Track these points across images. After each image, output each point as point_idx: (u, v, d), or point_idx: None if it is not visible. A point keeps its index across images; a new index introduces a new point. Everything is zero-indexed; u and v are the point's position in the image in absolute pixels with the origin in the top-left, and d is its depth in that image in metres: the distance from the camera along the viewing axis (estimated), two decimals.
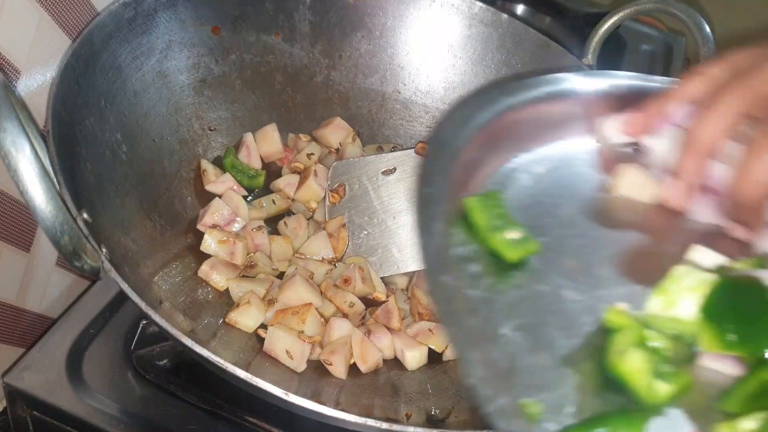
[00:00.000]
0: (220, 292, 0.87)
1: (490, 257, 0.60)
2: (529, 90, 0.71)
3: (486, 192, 0.64)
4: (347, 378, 0.82)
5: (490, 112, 0.67)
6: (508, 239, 0.60)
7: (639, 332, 0.54)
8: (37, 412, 0.85)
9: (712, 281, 0.57)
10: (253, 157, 1.01)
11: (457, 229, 0.61)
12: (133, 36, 0.87)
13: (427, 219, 0.55)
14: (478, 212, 0.61)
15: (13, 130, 0.61)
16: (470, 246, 0.60)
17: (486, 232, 0.60)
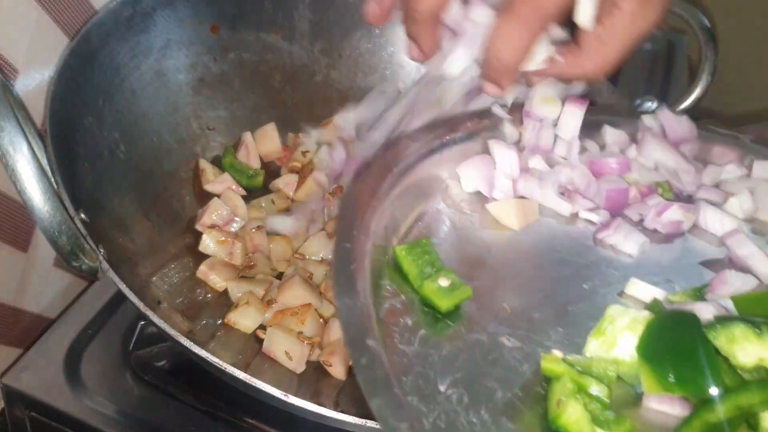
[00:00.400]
0: (218, 292, 0.87)
1: (424, 307, 0.58)
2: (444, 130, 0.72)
3: (415, 240, 0.63)
4: (347, 379, 0.82)
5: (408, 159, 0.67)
6: (439, 287, 0.58)
7: (577, 379, 0.53)
8: (34, 413, 0.84)
9: (647, 319, 0.55)
10: (252, 157, 1.01)
11: (388, 281, 0.59)
12: (132, 35, 0.87)
13: (347, 278, 0.53)
14: (407, 261, 0.60)
15: (10, 129, 0.61)
16: (401, 297, 0.58)
17: (417, 281, 0.59)
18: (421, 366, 0.53)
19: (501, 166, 0.71)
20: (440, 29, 0.68)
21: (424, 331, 0.56)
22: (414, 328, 0.56)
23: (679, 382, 0.51)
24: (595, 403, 0.52)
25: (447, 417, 0.50)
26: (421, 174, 0.69)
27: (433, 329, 0.57)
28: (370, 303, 0.54)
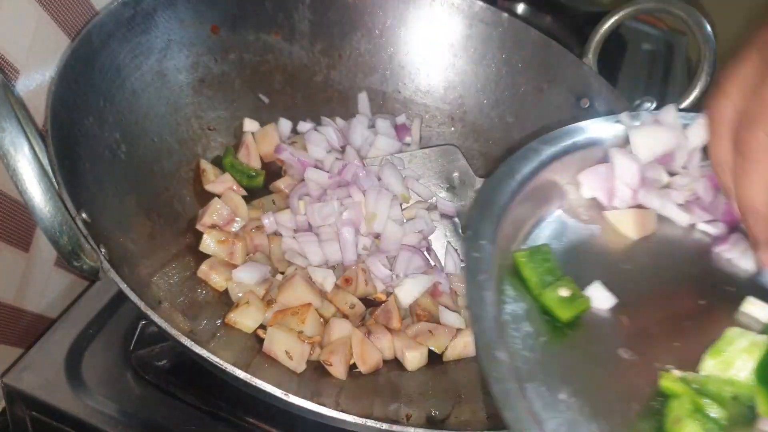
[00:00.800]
0: (219, 292, 0.87)
1: (544, 315, 0.60)
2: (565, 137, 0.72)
3: (535, 246, 0.64)
4: (347, 378, 0.82)
5: (533, 163, 0.68)
6: (560, 297, 0.59)
7: (694, 400, 0.53)
8: (36, 412, 0.84)
9: (766, 343, 0.56)
10: (252, 157, 1.01)
11: (508, 285, 0.61)
12: (133, 35, 0.87)
13: (478, 288, 0.55)
14: (527, 268, 0.61)
15: (12, 129, 0.61)
16: (522, 303, 0.60)
17: (537, 290, 0.60)
18: (543, 373, 0.55)
19: (621, 176, 0.71)
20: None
21: (545, 339, 0.58)
22: (535, 335, 0.58)
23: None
24: (712, 424, 0.52)
25: (569, 425, 0.51)
26: (542, 179, 0.69)
27: (554, 337, 0.58)
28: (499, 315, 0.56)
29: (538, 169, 0.68)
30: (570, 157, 0.72)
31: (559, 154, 0.71)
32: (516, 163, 0.67)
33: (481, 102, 1.09)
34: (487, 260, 0.57)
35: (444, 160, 1.03)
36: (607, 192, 0.72)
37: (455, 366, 0.88)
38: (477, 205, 0.62)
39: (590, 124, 0.74)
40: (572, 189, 0.73)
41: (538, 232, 0.68)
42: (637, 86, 1.46)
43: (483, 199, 0.62)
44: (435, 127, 1.12)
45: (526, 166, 0.68)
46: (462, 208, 1.01)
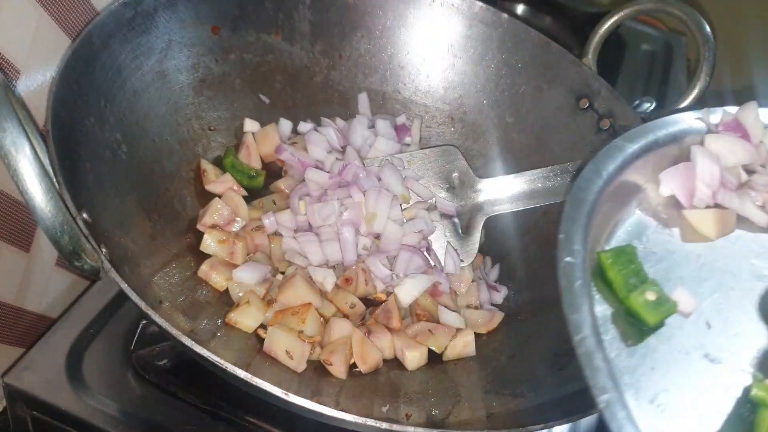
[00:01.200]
0: (219, 292, 0.87)
1: (629, 317, 0.60)
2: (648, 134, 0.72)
3: (619, 247, 0.65)
4: (347, 378, 0.82)
5: (617, 161, 0.68)
6: (645, 301, 0.60)
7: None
8: (36, 412, 0.85)
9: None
10: (252, 158, 1.01)
11: (594, 287, 0.61)
12: (133, 36, 0.87)
13: (576, 296, 0.55)
14: (613, 270, 0.62)
15: (12, 130, 0.62)
16: (607, 305, 0.61)
17: (623, 292, 0.61)
18: (630, 377, 0.56)
19: (702, 176, 0.71)
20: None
21: (630, 342, 0.59)
22: (622, 338, 0.59)
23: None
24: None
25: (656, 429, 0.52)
26: (624, 178, 0.69)
27: (639, 341, 0.59)
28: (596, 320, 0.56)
29: (622, 167, 0.68)
30: (652, 154, 0.71)
31: (641, 151, 0.70)
32: (601, 161, 0.67)
33: (481, 102, 1.09)
34: (581, 265, 0.58)
35: (444, 160, 1.03)
36: (687, 192, 0.71)
37: (455, 365, 0.88)
38: (568, 207, 0.62)
39: (672, 119, 0.74)
40: (651, 187, 0.72)
41: (619, 232, 0.68)
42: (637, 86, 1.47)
43: (573, 200, 0.62)
44: (435, 127, 1.13)
45: (611, 163, 0.67)
46: (461, 208, 1.01)
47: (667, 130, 0.73)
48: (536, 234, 1.01)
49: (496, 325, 0.94)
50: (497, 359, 0.89)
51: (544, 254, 0.99)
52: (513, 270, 1.02)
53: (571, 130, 1.01)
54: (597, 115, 0.99)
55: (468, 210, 1.01)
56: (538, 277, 0.98)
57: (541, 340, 0.89)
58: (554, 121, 1.03)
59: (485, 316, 0.94)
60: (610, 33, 1.04)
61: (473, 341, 0.89)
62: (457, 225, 1.00)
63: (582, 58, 1.04)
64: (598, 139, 0.98)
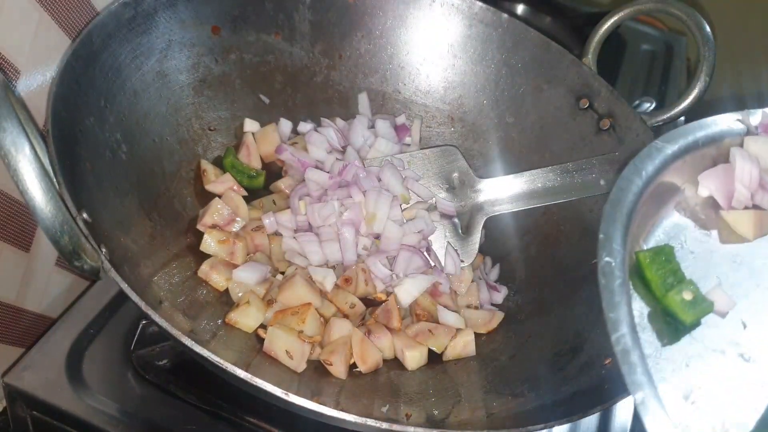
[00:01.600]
0: (219, 292, 0.87)
1: (666, 316, 0.61)
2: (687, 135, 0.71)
3: (658, 247, 0.65)
4: (347, 378, 0.82)
5: (656, 162, 0.68)
6: (682, 300, 0.61)
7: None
8: (36, 412, 0.85)
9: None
10: (253, 158, 1.01)
11: (631, 286, 0.62)
12: (133, 36, 0.87)
13: (615, 294, 0.56)
14: (650, 270, 0.62)
15: (12, 129, 0.61)
16: (643, 303, 0.61)
17: (660, 291, 0.61)
18: (665, 374, 0.56)
19: (741, 178, 0.71)
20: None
21: (666, 340, 0.59)
22: (658, 337, 0.59)
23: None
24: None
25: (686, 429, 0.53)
26: (664, 178, 0.70)
27: (674, 339, 0.60)
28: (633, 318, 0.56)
29: (661, 168, 0.68)
30: (690, 155, 0.71)
31: (681, 152, 0.70)
32: (641, 162, 0.67)
33: (481, 102, 1.09)
34: (621, 265, 0.58)
35: (444, 160, 1.03)
36: (726, 193, 0.72)
37: (455, 365, 0.88)
38: (607, 207, 0.62)
39: (712, 121, 0.73)
40: (690, 188, 0.73)
41: (658, 233, 0.69)
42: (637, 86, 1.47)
43: (613, 201, 0.63)
44: (435, 127, 1.13)
45: (650, 164, 0.67)
46: (461, 209, 1.01)
47: (706, 131, 0.73)
48: (536, 234, 1.01)
49: (496, 325, 0.94)
50: (497, 359, 0.89)
51: (544, 254, 1.00)
52: (513, 270, 1.02)
53: (571, 130, 1.01)
54: (597, 115, 0.99)
55: (468, 210, 1.01)
56: (538, 277, 0.98)
57: (541, 340, 0.89)
58: (554, 121, 1.03)
59: (485, 316, 0.94)
60: (610, 33, 1.04)
61: (473, 341, 0.89)
62: (457, 225, 1.00)
63: (582, 58, 1.04)
64: (598, 139, 0.99)
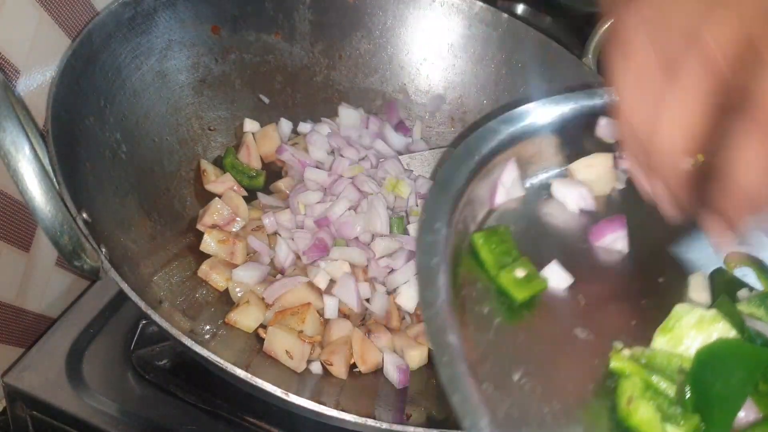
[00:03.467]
0: (219, 292, 0.87)
1: (500, 296, 0.59)
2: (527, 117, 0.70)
3: (492, 227, 0.64)
4: (347, 378, 0.82)
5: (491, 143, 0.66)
6: (514, 278, 0.59)
7: (644, 378, 0.54)
8: (36, 412, 0.85)
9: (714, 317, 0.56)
10: (253, 158, 1.01)
11: (465, 268, 0.60)
12: (133, 35, 0.87)
13: (430, 272, 0.54)
14: (484, 250, 0.61)
15: (12, 129, 0.62)
16: (479, 285, 0.59)
17: (493, 271, 0.60)
18: (496, 354, 0.54)
19: None
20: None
21: (499, 320, 0.57)
22: (490, 317, 0.57)
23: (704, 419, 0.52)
24: (663, 398, 0.53)
25: (520, 407, 0.51)
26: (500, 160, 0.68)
27: (509, 318, 0.58)
28: (452, 297, 0.54)
29: (497, 150, 0.66)
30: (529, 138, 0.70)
31: (517, 134, 0.69)
32: (474, 143, 0.65)
33: (481, 102, 1.09)
34: (441, 243, 0.56)
35: None
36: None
37: None
38: (434, 187, 0.60)
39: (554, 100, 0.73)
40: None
41: (496, 214, 0.67)
42: None
43: (440, 181, 0.61)
44: (435, 127, 1.13)
45: (485, 146, 0.66)
46: None
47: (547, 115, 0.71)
48: None
49: None
50: None
51: None
52: None
53: None
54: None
55: None
56: None
57: None
58: None
59: None
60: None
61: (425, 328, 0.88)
62: None
63: (582, 57, 1.04)
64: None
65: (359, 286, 0.87)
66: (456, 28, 1.07)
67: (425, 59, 1.10)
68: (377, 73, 1.10)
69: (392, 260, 0.91)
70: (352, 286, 0.86)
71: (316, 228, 0.92)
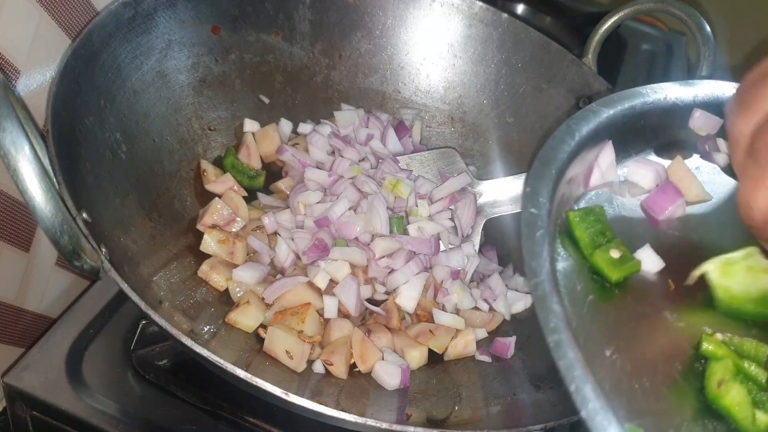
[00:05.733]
0: (219, 292, 0.87)
1: (593, 274, 0.61)
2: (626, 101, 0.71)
3: (588, 207, 0.65)
4: (347, 378, 0.82)
5: (591, 125, 0.67)
6: (609, 258, 0.60)
7: (736, 362, 0.55)
8: (36, 412, 0.85)
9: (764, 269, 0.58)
10: (253, 158, 1.01)
11: (560, 243, 0.62)
12: (133, 36, 0.87)
13: (536, 243, 0.55)
14: (579, 228, 0.62)
15: (12, 129, 0.61)
16: (573, 261, 0.61)
17: (588, 250, 0.61)
18: (589, 330, 0.55)
19: None
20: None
21: (592, 297, 0.59)
22: (583, 293, 0.59)
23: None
24: (753, 384, 0.54)
25: (611, 381, 0.52)
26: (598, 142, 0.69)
27: (601, 296, 0.59)
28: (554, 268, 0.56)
29: (596, 131, 0.67)
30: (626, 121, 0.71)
31: (616, 117, 0.69)
32: (575, 123, 0.66)
33: (481, 102, 1.09)
34: (544, 217, 0.57)
35: (442, 162, 1.03)
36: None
37: (456, 365, 0.88)
38: (536, 164, 0.62)
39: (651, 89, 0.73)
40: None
41: (590, 195, 0.68)
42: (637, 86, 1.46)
43: (542, 158, 0.62)
44: (435, 127, 1.13)
45: (584, 127, 0.66)
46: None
47: (644, 99, 0.72)
48: None
49: (496, 326, 0.94)
50: (498, 359, 0.89)
51: None
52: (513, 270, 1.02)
53: None
54: None
55: None
56: None
57: (541, 340, 0.88)
58: (554, 121, 1.03)
59: (485, 317, 0.94)
60: (610, 33, 1.05)
61: (474, 341, 0.89)
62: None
63: (582, 57, 1.04)
64: None
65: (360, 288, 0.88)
66: (456, 28, 1.07)
67: (425, 59, 1.10)
68: (377, 73, 1.10)
69: (392, 260, 0.91)
70: (354, 288, 0.86)
71: (316, 228, 0.92)
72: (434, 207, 0.98)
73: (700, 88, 0.73)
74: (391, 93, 1.11)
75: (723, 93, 0.73)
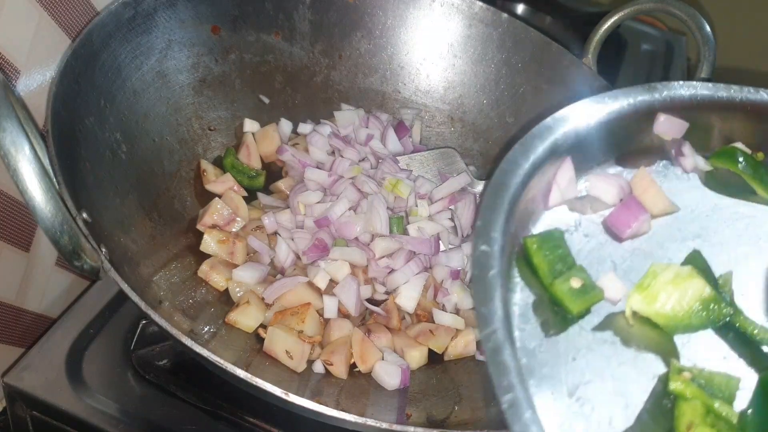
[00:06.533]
0: (219, 292, 0.87)
1: (553, 305, 0.57)
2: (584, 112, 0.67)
3: (547, 232, 0.61)
4: (347, 378, 0.82)
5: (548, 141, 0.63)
6: (570, 289, 0.57)
7: (705, 402, 0.52)
8: (36, 412, 0.85)
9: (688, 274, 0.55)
10: (253, 158, 1.01)
11: (518, 273, 0.58)
12: (133, 36, 0.87)
13: (487, 286, 0.51)
14: (538, 256, 0.58)
15: (12, 129, 0.61)
16: (530, 292, 0.57)
17: (547, 279, 0.57)
18: (550, 369, 0.52)
19: None
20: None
21: (553, 331, 0.55)
22: (543, 328, 0.55)
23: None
24: (723, 424, 0.51)
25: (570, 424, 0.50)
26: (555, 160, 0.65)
27: (563, 328, 0.56)
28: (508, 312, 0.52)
29: (552, 148, 0.63)
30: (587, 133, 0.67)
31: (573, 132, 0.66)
32: (530, 142, 0.62)
33: (481, 102, 1.09)
34: (497, 254, 0.53)
35: (442, 162, 1.03)
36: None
37: (456, 365, 0.88)
38: (489, 191, 0.57)
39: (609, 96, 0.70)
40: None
41: (549, 218, 0.64)
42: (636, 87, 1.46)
43: (494, 185, 0.57)
44: (435, 127, 1.13)
45: (540, 145, 0.62)
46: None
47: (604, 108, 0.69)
48: None
49: None
50: None
51: None
52: None
53: None
54: None
55: None
56: None
57: None
58: None
59: None
60: (610, 33, 1.04)
61: (474, 341, 0.89)
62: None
63: (582, 57, 1.04)
64: None
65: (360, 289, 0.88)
66: (456, 28, 1.07)
67: (425, 59, 1.10)
68: (377, 73, 1.10)
69: (392, 260, 0.91)
70: (354, 288, 0.86)
71: (316, 228, 0.92)
72: (434, 207, 0.98)
73: (663, 90, 0.69)
74: (391, 93, 1.11)
75: (686, 94, 0.69)
